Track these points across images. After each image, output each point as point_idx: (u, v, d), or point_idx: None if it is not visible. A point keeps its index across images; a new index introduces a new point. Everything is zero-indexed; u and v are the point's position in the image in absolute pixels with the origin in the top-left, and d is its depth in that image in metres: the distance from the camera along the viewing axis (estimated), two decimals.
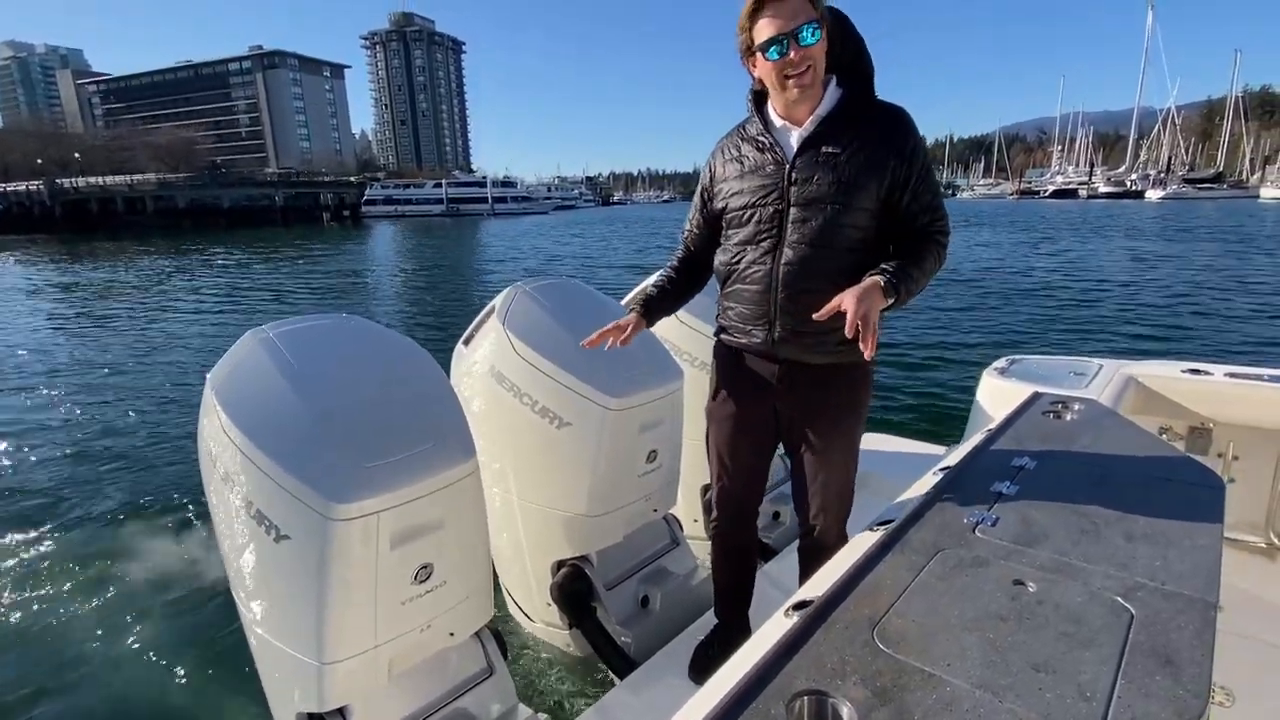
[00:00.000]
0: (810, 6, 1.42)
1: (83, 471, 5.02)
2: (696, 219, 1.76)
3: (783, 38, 1.42)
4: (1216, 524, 1.17)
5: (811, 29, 1.41)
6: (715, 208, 1.68)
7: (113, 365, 8.66)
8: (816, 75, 1.47)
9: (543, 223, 53.26)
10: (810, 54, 1.43)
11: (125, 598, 3.35)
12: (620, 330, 1.64)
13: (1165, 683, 0.80)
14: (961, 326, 9.87)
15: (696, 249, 1.79)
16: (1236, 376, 2.29)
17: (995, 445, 1.58)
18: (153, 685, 2.75)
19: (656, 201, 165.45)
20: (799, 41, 1.41)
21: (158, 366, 8.61)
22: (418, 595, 1.57)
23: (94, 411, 6.63)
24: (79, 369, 8.57)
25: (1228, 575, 1.05)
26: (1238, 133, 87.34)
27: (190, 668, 2.80)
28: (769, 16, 1.43)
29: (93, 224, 55.74)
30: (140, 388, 7.54)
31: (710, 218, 1.72)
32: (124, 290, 17.01)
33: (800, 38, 1.41)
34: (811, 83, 1.46)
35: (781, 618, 1.02)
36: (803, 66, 1.44)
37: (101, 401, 7.00)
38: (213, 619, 3.03)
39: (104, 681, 2.81)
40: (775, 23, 1.42)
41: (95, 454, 5.41)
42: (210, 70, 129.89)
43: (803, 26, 1.40)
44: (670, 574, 2.41)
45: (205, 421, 1.63)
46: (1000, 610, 0.96)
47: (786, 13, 1.41)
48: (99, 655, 2.95)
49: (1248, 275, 14.67)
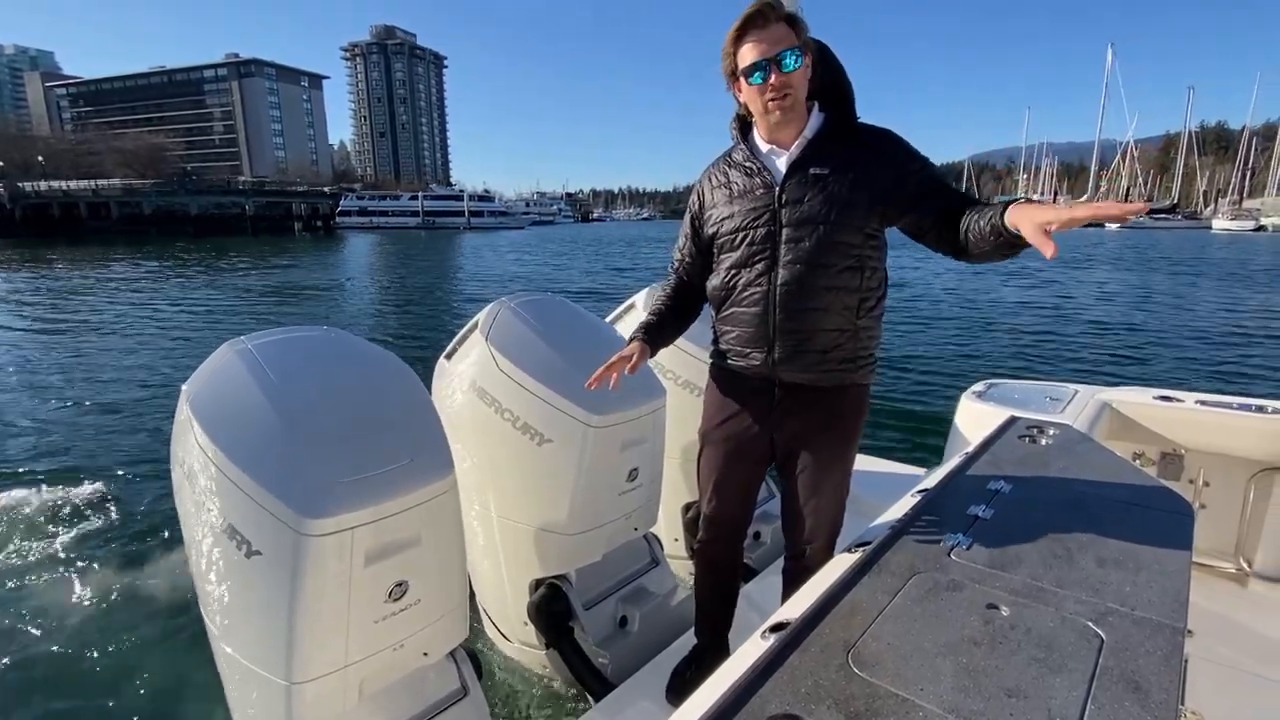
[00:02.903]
0: (792, 34, 1.45)
1: (49, 482, 4.85)
2: (688, 247, 1.76)
3: (765, 63, 1.45)
4: (1185, 550, 1.19)
5: (793, 55, 1.45)
6: (706, 234, 1.69)
7: (78, 375, 8.40)
8: (797, 100, 1.50)
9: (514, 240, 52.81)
10: (791, 80, 1.46)
11: (89, 613, 3.23)
12: (625, 361, 1.60)
13: (1133, 708, 0.81)
14: (944, 350, 10.05)
15: (689, 277, 1.78)
16: (1207, 404, 2.34)
17: (972, 469, 1.60)
18: (115, 705, 2.64)
19: (636, 219, 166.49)
20: (781, 68, 1.45)
21: (124, 377, 8.34)
22: (391, 613, 1.54)
23: (57, 422, 6.43)
24: (40, 378, 8.30)
25: (1200, 601, 1.07)
26: (1192, 166, 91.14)
27: (155, 686, 2.70)
28: (752, 42, 1.46)
29: (54, 229, 54.24)
30: (105, 399, 7.32)
31: (701, 244, 1.72)
32: (84, 298, 16.53)
33: (782, 64, 1.45)
34: (792, 106, 1.50)
35: (759, 639, 1.03)
36: (783, 91, 1.47)
37: (64, 411, 6.79)
38: (180, 636, 2.93)
39: (63, 698, 2.70)
40: (758, 48, 1.45)
41: (61, 465, 5.24)
42: (185, 77, 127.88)
43: (784, 52, 1.44)
44: (650, 594, 2.39)
45: (178, 433, 1.59)
46: (974, 634, 0.97)
47: (769, 39, 1.44)
48: (59, 672, 2.84)
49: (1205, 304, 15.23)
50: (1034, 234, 1.18)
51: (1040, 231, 1.17)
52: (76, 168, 70.95)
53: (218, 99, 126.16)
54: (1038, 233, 1.18)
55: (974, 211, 1.38)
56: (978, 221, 1.35)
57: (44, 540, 3.97)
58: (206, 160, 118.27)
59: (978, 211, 1.37)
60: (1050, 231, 1.16)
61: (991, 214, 1.31)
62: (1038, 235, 1.17)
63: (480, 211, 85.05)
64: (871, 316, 1.59)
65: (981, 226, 1.34)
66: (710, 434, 1.79)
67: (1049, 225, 1.16)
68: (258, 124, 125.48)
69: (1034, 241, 1.19)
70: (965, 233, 1.39)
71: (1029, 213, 1.21)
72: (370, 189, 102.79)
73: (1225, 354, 9.92)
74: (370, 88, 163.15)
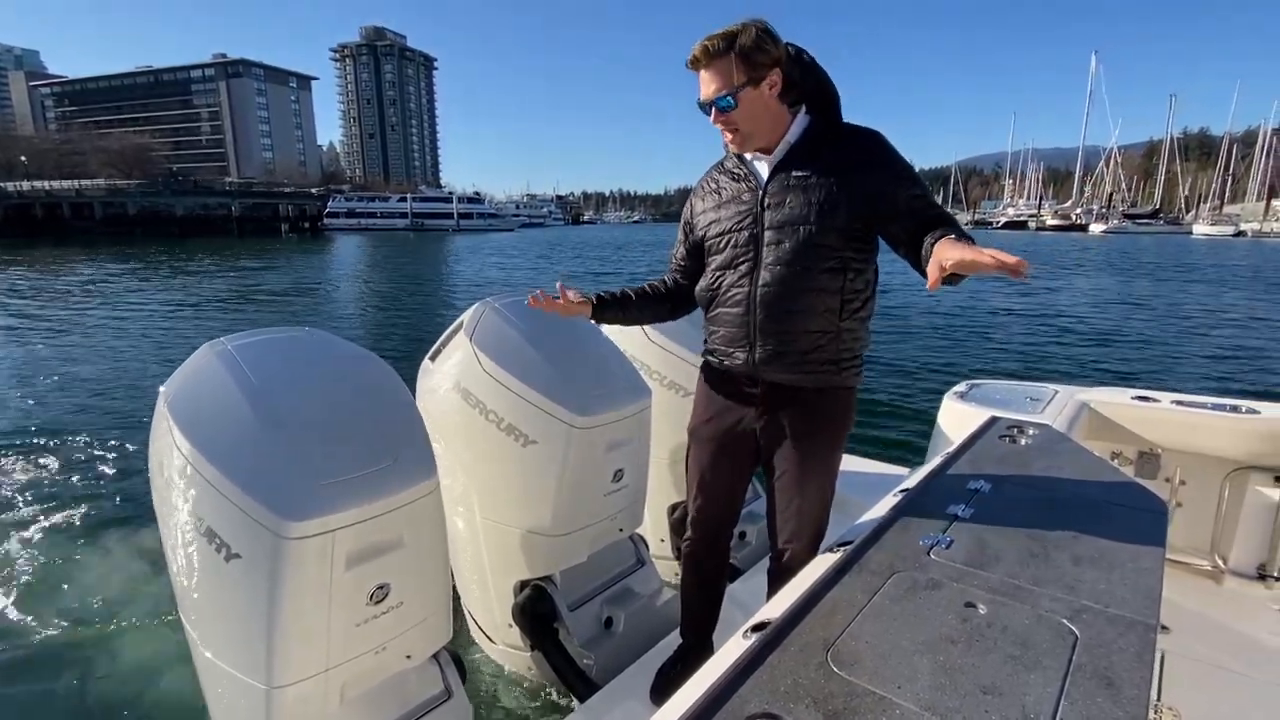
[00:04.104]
0: (731, 71, 1.47)
1: (24, 483, 4.79)
2: (681, 251, 1.83)
3: (705, 105, 1.53)
4: (1159, 548, 1.21)
5: (725, 100, 1.49)
6: (696, 238, 1.75)
7: (51, 377, 8.27)
8: (747, 133, 1.55)
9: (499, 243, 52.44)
10: (730, 119, 1.53)
11: (63, 618, 3.17)
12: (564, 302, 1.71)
13: (1106, 704, 0.82)
14: (928, 350, 10.12)
15: (682, 278, 1.84)
16: (1183, 405, 2.37)
17: (953, 468, 1.61)
18: (92, 712, 2.60)
19: (627, 222, 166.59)
20: (719, 109, 1.52)
21: (100, 379, 8.23)
22: (373, 616, 1.53)
23: (30, 424, 6.33)
24: (14, 378, 8.19)
25: (1176, 598, 1.09)
26: (1174, 172, 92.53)
27: (132, 691, 2.66)
28: (700, 82, 1.53)
29: (37, 230, 53.52)
30: (81, 401, 7.21)
31: (692, 248, 1.78)
32: (66, 299, 16.32)
33: (718, 106, 1.51)
34: (743, 140, 1.57)
35: (740, 639, 1.03)
36: (729, 128, 1.55)
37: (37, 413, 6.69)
38: (158, 641, 2.88)
39: (38, 704, 2.65)
40: (702, 89, 1.53)
41: (34, 467, 5.15)
42: (171, 77, 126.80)
43: (718, 98, 1.50)
44: (635, 594, 2.38)
45: (156, 435, 1.57)
46: (951, 633, 0.98)
47: (705, 83, 1.51)
48: (34, 679, 2.79)
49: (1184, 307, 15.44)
50: (933, 267, 1.30)
51: (936, 266, 1.28)
52: (60, 168, 70.03)
53: (205, 99, 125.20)
54: (935, 266, 1.29)
55: (933, 235, 1.45)
56: (928, 245, 1.42)
57: (15, 543, 3.90)
58: (193, 161, 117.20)
59: (934, 236, 1.44)
60: (945, 268, 1.26)
61: (933, 243, 1.40)
62: (934, 269, 1.29)
63: (469, 214, 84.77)
64: (856, 319, 1.60)
65: (925, 253, 1.42)
66: (698, 430, 1.82)
67: (945, 262, 1.26)
68: (245, 125, 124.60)
69: (929, 272, 1.32)
70: (923, 254, 1.46)
71: (940, 249, 1.33)
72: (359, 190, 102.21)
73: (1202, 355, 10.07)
74: (360, 89, 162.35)
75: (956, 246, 1.28)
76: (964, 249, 1.26)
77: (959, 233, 1.40)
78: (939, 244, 1.35)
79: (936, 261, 1.28)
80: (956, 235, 1.37)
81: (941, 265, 1.26)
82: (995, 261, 1.18)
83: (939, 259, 1.28)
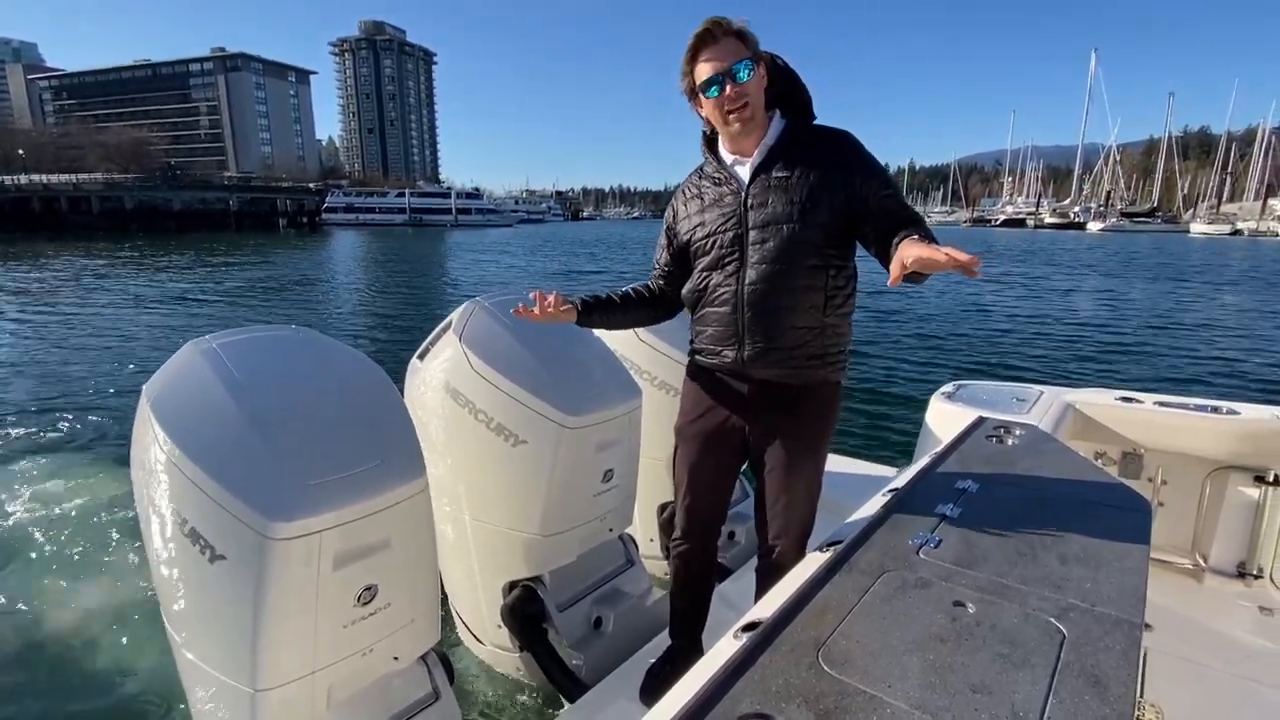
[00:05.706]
0: (743, 46, 1.52)
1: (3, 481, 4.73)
2: (664, 257, 1.84)
3: (720, 77, 1.52)
4: (1144, 547, 1.22)
5: (745, 66, 1.51)
6: (680, 243, 1.76)
7: (33, 374, 8.20)
8: (755, 108, 1.56)
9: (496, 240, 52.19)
10: (745, 90, 1.53)
11: (44, 621, 3.13)
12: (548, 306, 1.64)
13: (1093, 702, 0.83)
14: (916, 351, 10.11)
15: (666, 283, 1.85)
16: (1165, 405, 2.41)
17: (941, 468, 1.62)
18: (71, 715, 2.57)
19: (626, 218, 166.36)
20: (735, 79, 1.52)
21: (83, 376, 8.11)
22: (361, 618, 1.52)
23: (19, 419, 6.28)
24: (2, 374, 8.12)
25: (1158, 597, 1.09)
26: (1172, 170, 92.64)
27: (115, 695, 2.63)
28: (706, 59, 1.54)
29: (35, 224, 53.35)
30: (63, 399, 7.10)
31: (676, 254, 1.79)
32: (58, 294, 16.22)
33: (736, 76, 1.52)
34: (751, 116, 1.56)
35: (731, 639, 1.03)
36: (740, 102, 1.54)
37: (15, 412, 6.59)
38: (141, 644, 2.86)
39: (16, 707, 2.63)
40: (712, 64, 1.52)
41: (13, 466, 5.08)
42: (170, 70, 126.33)
43: (736, 65, 1.51)
44: (625, 595, 2.38)
45: (139, 434, 1.56)
46: (940, 632, 0.98)
47: (721, 54, 1.52)
48: (13, 682, 2.76)
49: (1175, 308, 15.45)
50: (895, 264, 1.34)
51: (898, 264, 1.32)
52: (58, 161, 69.76)
53: (203, 93, 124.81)
54: (896, 264, 1.33)
55: (901, 234, 1.48)
56: (894, 245, 1.45)
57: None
58: (192, 155, 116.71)
59: (900, 236, 1.47)
60: (906, 265, 1.30)
61: (898, 243, 1.43)
62: (896, 265, 1.33)
63: (468, 209, 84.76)
64: (839, 314, 1.64)
65: (892, 252, 1.44)
66: (685, 429, 1.83)
67: (906, 260, 1.30)
68: (244, 119, 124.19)
69: (891, 269, 1.36)
70: (890, 253, 1.47)
71: (902, 247, 1.37)
72: (358, 185, 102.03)
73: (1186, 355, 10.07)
74: (359, 84, 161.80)
75: (917, 245, 1.32)
76: (922, 247, 1.30)
77: (924, 233, 1.43)
78: (902, 243, 1.39)
79: (899, 259, 1.33)
80: (921, 235, 1.41)
81: (903, 263, 1.31)
82: (950, 259, 1.22)
83: (900, 257, 1.33)
